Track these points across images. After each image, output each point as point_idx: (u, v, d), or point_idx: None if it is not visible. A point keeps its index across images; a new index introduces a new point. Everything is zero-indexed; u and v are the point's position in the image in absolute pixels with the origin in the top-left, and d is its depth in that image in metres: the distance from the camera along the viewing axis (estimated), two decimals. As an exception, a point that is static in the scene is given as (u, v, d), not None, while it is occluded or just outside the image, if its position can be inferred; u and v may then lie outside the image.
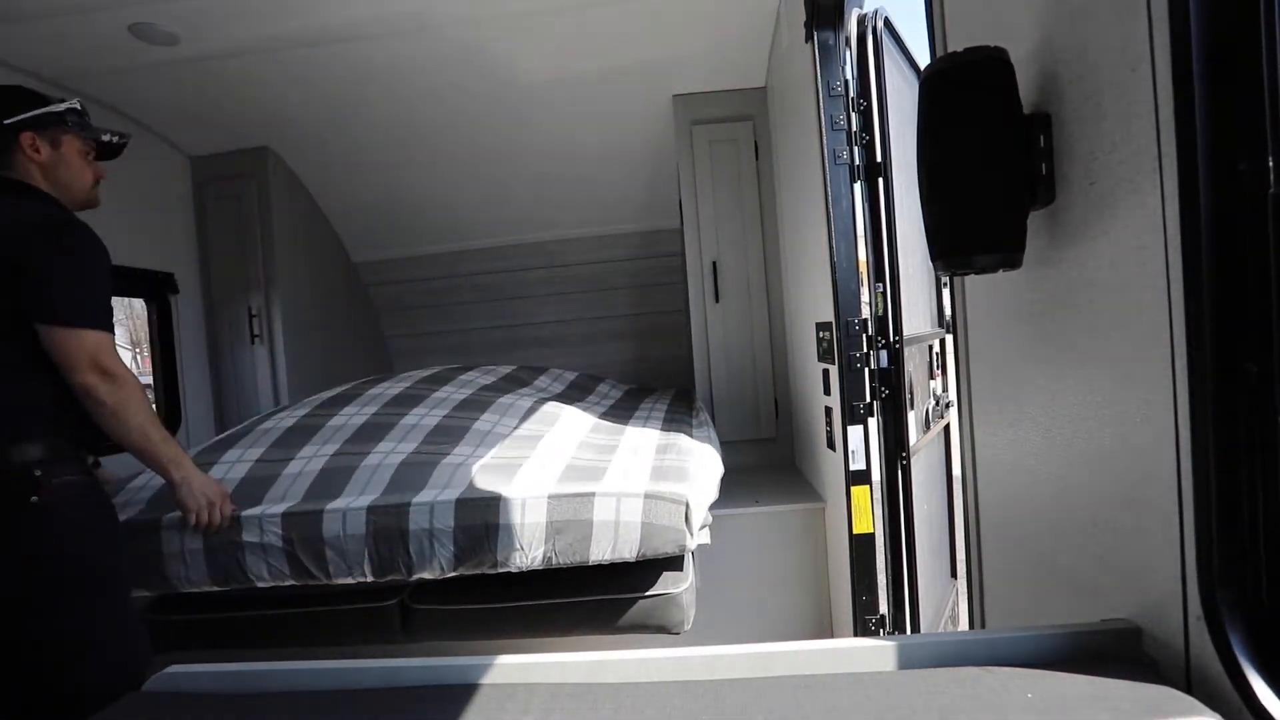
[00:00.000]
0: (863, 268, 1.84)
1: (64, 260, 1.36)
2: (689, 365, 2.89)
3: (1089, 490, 0.82)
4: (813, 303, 2.10)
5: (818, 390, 2.08)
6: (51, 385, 1.37)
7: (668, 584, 1.88)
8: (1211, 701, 0.60)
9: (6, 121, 1.44)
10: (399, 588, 1.98)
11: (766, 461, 2.81)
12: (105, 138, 1.59)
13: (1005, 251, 0.85)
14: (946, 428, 2.57)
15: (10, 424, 1.32)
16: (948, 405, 2.48)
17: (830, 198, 1.73)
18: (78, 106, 1.55)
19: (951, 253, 0.89)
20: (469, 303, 3.79)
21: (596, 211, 3.42)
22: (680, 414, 2.59)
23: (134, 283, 2.66)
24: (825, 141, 1.74)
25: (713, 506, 2.22)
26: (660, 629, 1.87)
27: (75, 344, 1.34)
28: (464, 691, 0.73)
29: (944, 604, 2.34)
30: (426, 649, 2.01)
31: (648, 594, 1.86)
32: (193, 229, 2.98)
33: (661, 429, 2.29)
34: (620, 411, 2.63)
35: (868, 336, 1.79)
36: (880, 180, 1.85)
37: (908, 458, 1.88)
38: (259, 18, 2.06)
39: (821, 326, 1.98)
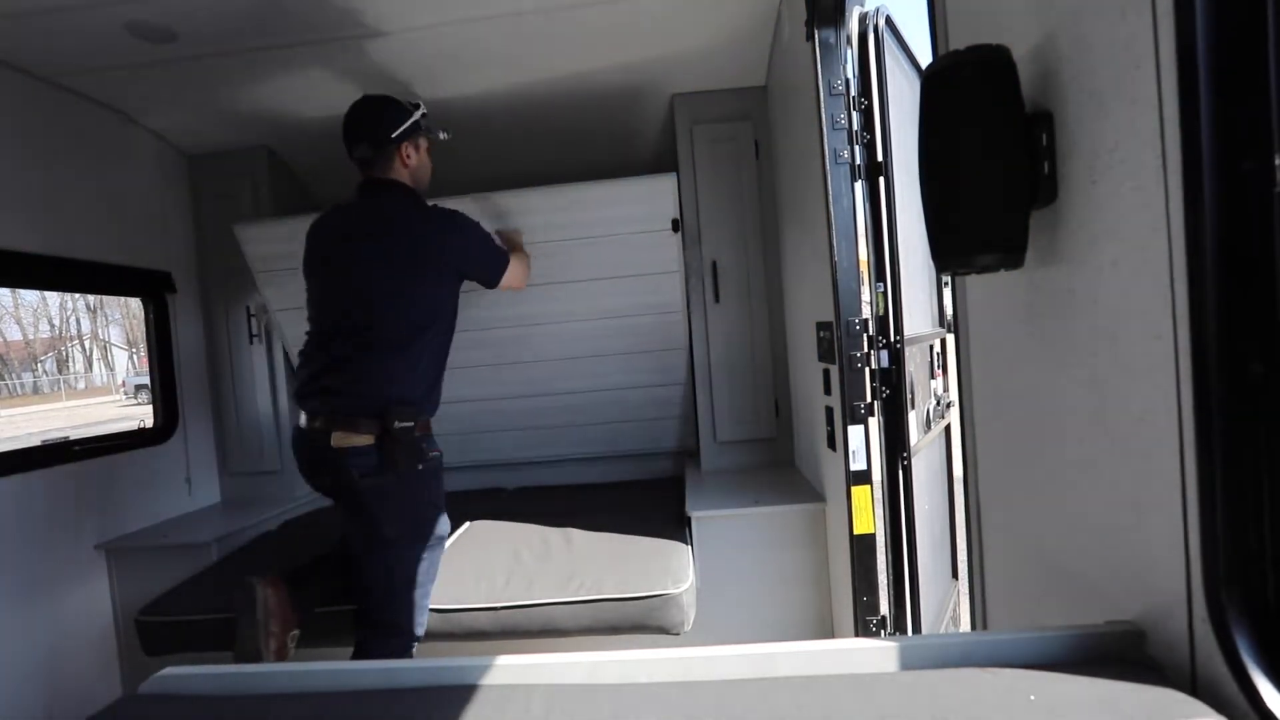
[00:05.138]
0: (863, 267, 1.83)
1: (479, 239, 1.94)
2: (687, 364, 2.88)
3: (1092, 490, 0.81)
4: (813, 302, 2.09)
5: (818, 390, 2.07)
6: (435, 382, 1.86)
7: (668, 584, 1.88)
8: (1217, 705, 0.60)
9: (393, 136, 1.84)
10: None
11: (766, 461, 2.81)
12: (441, 136, 2.03)
13: (1006, 251, 0.84)
14: (948, 427, 2.57)
15: (413, 409, 1.74)
16: (949, 405, 2.47)
17: (830, 197, 1.73)
18: (424, 109, 1.94)
19: (953, 252, 0.88)
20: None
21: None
22: None
23: (131, 282, 2.65)
24: (826, 140, 1.73)
25: (713, 506, 2.22)
26: (660, 629, 1.87)
27: (509, 280, 2.05)
28: (464, 691, 0.73)
29: (945, 605, 2.33)
30: (426, 649, 2.00)
31: (648, 594, 1.86)
32: (190, 228, 2.98)
33: None
34: None
35: (868, 336, 1.78)
36: (881, 179, 1.84)
37: (909, 458, 1.87)
38: (257, 15, 2.05)
39: (822, 326, 1.97)
